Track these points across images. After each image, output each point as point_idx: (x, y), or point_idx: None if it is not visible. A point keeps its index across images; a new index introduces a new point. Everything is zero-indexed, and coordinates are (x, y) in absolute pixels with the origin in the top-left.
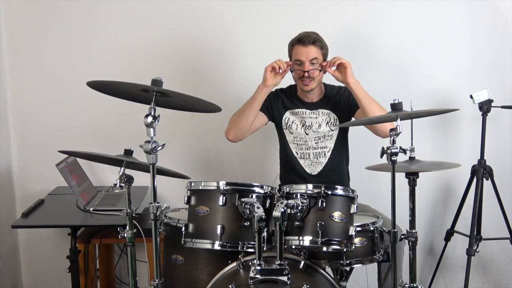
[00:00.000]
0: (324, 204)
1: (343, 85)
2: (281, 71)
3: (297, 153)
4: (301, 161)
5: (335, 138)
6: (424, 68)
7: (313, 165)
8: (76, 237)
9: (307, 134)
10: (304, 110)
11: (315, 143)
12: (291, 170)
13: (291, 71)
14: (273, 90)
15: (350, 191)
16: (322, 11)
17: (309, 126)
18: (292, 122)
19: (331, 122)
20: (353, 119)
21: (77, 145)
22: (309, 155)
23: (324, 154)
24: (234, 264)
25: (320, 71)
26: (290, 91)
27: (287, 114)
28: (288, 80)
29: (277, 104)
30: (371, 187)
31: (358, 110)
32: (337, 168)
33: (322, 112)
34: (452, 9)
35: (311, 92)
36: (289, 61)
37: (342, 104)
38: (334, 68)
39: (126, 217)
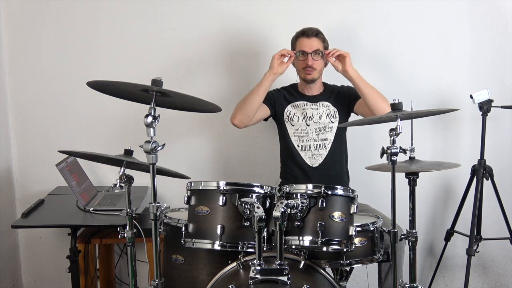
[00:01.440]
0: (324, 204)
1: (340, 84)
2: (286, 59)
3: (298, 146)
4: (302, 154)
5: (335, 131)
6: (424, 68)
7: (313, 157)
8: (76, 237)
9: (308, 125)
10: (305, 102)
11: (316, 134)
12: (292, 162)
13: (295, 59)
14: (275, 88)
15: (350, 191)
16: (322, 11)
17: (310, 117)
18: (294, 115)
19: (331, 114)
20: (352, 117)
21: (77, 145)
22: (310, 147)
23: (325, 146)
24: (234, 264)
25: (322, 56)
26: (292, 88)
27: (289, 107)
28: (289, 81)
29: (279, 98)
30: (371, 187)
31: (358, 102)
32: (337, 161)
33: (322, 104)
34: (452, 9)
35: (312, 85)
36: (293, 51)
37: (341, 97)
38: (334, 59)
39: (126, 217)
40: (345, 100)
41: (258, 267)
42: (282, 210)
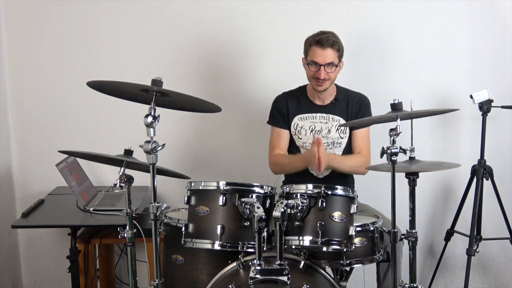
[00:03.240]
0: (324, 204)
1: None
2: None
3: None
4: (309, 166)
5: (343, 146)
6: (424, 68)
7: None
8: (76, 237)
9: None
10: (314, 114)
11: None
12: (297, 172)
13: (306, 67)
14: (281, 94)
15: (350, 191)
16: (323, 11)
17: (318, 131)
18: (301, 128)
19: (341, 130)
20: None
21: (77, 145)
22: None
23: None
24: (234, 264)
25: (336, 66)
26: (300, 92)
27: (296, 120)
28: (294, 82)
29: (285, 110)
30: (371, 187)
31: (356, 131)
32: (343, 173)
33: (332, 118)
34: (452, 9)
35: (324, 92)
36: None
37: (349, 114)
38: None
39: (126, 217)
40: (350, 119)
41: (258, 267)
42: (282, 210)
